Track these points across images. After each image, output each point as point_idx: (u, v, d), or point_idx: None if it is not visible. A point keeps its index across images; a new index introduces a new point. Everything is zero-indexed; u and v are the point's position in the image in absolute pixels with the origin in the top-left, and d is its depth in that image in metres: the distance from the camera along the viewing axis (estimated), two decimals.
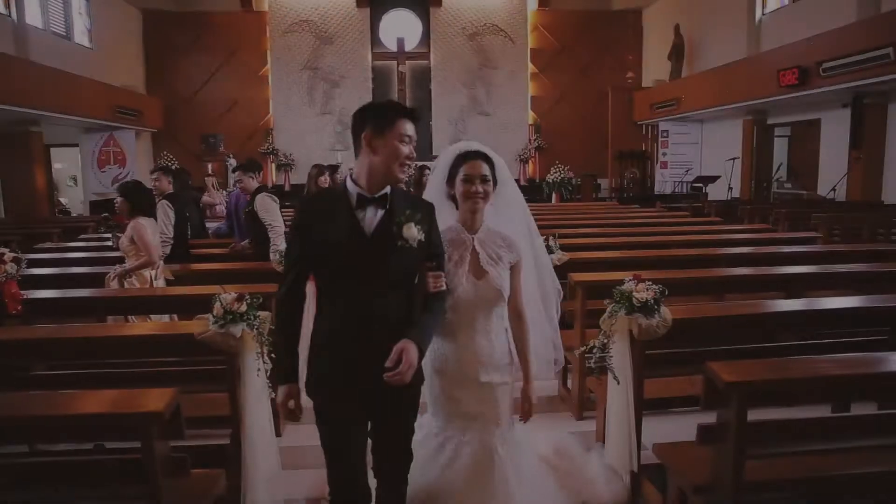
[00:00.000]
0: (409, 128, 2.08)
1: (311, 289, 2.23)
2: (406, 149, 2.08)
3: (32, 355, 3.37)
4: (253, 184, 5.86)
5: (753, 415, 2.33)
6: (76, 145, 14.67)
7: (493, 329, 2.51)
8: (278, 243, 5.51)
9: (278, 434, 3.24)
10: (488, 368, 2.49)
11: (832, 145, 11.22)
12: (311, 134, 17.48)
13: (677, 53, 15.67)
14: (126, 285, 4.69)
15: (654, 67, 17.13)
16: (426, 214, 2.17)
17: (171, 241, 5.72)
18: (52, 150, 14.71)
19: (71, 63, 12.60)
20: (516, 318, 2.56)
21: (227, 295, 2.94)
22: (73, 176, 16.37)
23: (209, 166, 16.27)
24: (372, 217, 2.09)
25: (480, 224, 2.51)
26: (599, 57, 18.03)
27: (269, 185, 16.47)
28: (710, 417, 2.42)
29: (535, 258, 2.72)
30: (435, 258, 2.25)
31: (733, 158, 13.27)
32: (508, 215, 2.64)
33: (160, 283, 4.81)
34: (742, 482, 2.25)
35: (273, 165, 17.26)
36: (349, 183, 2.13)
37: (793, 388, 2.46)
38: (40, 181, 12.19)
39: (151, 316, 4.44)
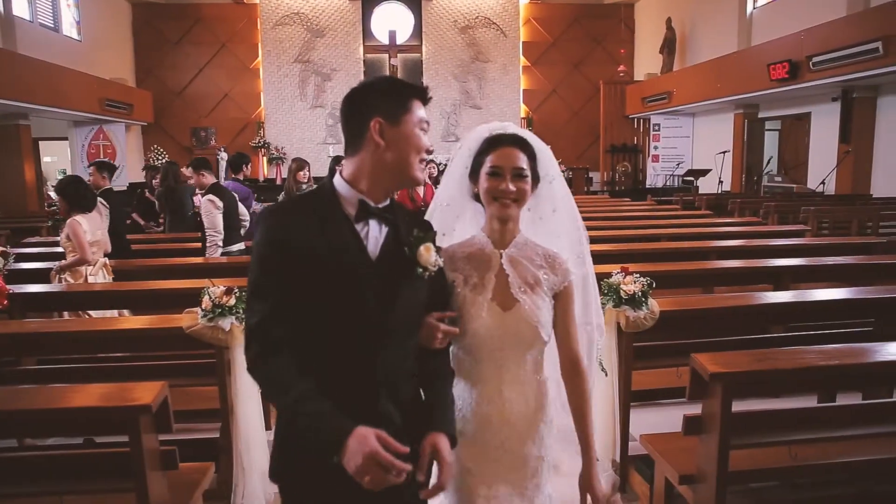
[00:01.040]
0: (424, 112, 1.59)
1: None
2: (426, 139, 1.58)
3: (21, 350, 3.36)
4: (207, 180, 5.67)
5: (741, 406, 2.36)
6: (65, 139, 14.57)
7: (528, 380, 1.79)
8: (212, 252, 5.37)
9: (268, 427, 3.25)
10: (522, 435, 1.78)
11: (822, 139, 11.28)
12: (303, 127, 17.43)
13: (669, 47, 15.69)
14: (63, 282, 4.65)
15: (646, 61, 17.15)
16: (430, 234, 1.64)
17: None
18: (42, 143, 14.62)
19: (59, 56, 12.49)
20: (570, 368, 1.80)
21: (215, 288, 2.95)
22: (63, 170, 16.24)
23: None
24: (376, 235, 1.55)
25: (513, 235, 1.82)
26: (591, 50, 18.03)
27: (261, 178, 16.44)
28: (697, 408, 2.45)
29: (582, 294, 1.95)
30: (442, 297, 1.71)
31: (724, 152, 13.32)
32: (552, 225, 1.92)
33: (98, 279, 4.77)
34: (726, 472, 2.28)
35: (264, 159, 17.19)
36: (343, 186, 1.55)
37: (777, 379, 2.49)
38: (29, 175, 12.11)
39: (90, 312, 4.43)
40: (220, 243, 5.42)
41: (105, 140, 14.60)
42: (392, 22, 17.29)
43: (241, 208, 5.90)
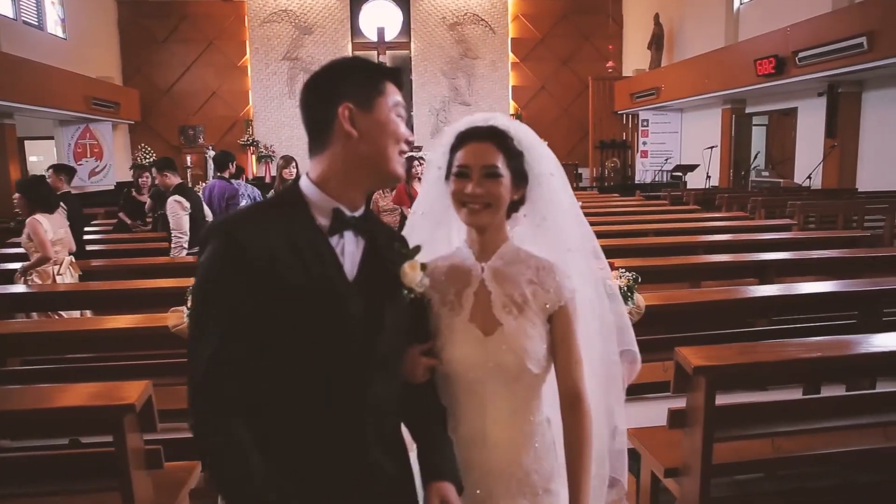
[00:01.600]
0: (400, 96, 1.35)
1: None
2: (404, 127, 1.35)
3: (4, 350, 3.34)
4: (172, 181, 5.65)
5: (726, 398, 2.38)
6: (52, 138, 14.44)
7: (519, 421, 1.50)
8: (177, 254, 5.37)
9: None
10: (511, 490, 1.49)
11: (808, 134, 11.35)
12: (292, 125, 17.32)
13: (657, 43, 15.74)
14: (29, 282, 4.63)
15: (635, 57, 17.19)
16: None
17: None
18: (27, 143, 14.48)
19: (44, 54, 12.36)
20: (568, 405, 1.48)
21: None
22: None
23: (188, 158, 16.15)
24: (352, 250, 1.31)
25: (497, 245, 1.53)
26: (580, 47, 18.05)
27: (250, 177, 16.36)
28: (682, 402, 2.46)
29: (599, 310, 1.65)
30: (423, 322, 1.50)
31: (711, 147, 13.39)
32: (554, 232, 1.58)
33: (66, 278, 4.74)
34: (710, 465, 2.30)
35: (253, 157, 17.11)
36: (312, 191, 1.30)
37: (760, 372, 2.51)
38: (14, 175, 11.96)
39: (62, 312, 4.41)
40: (186, 245, 5.42)
41: (92, 139, 14.49)
42: (380, 19, 17.24)
43: (207, 209, 5.90)
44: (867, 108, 10.22)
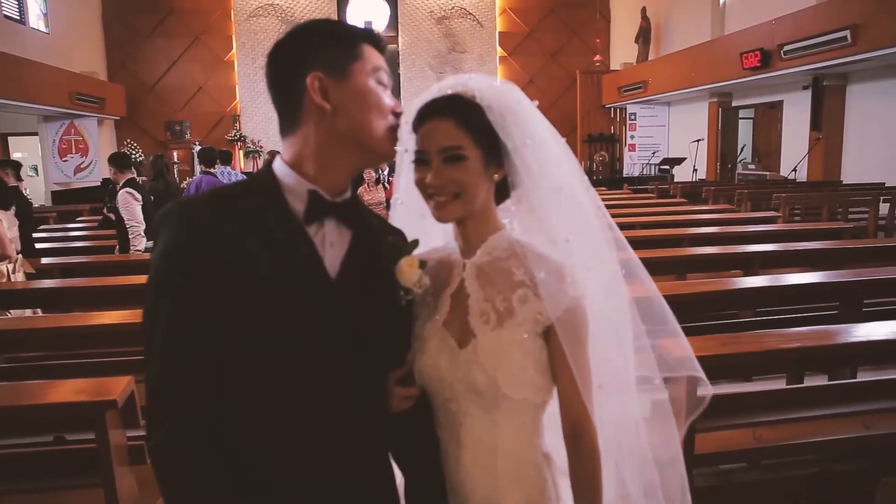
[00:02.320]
0: (382, 61, 1.14)
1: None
2: (389, 96, 1.14)
3: None
4: (124, 176, 5.69)
5: (711, 389, 2.40)
6: (36, 134, 14.28)
7: (505, 452, 1.21)
8: (137, 244, 5.42)
9: None
10: None
11: (794, 127, 11.43)
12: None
13: (644, 36, 15.77)
14: None
15: (622, 51, 17.23)
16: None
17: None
18: (11, 139, 14.32)
19: (26, 48, 12.21)
20: (571, 438, 1.19)
21: None
22: (35, 165, 15.96)
23: (175, 154, 16.03)
24: (334, 240, 1.10)
25: (482, 238, 1.23)
26: (568, 40, 18.06)
27: (238, 172, 16.26)
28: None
29: (612, 328, 1.26)
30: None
31: (698, 140, 13.46)
32: (547, 218, 1.24)
33: (20, 276, 4.71)
34: (692, 455, 2.32)
35: (241, 153, 17.01)
36: (286, 173, 1.10)
37: (744, 363, 2.54)
38: None
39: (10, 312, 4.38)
40: (143, 233, 5.48)
41: (77, 135, 14.34)
42: (368, 13, 17.15)
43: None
44: (851, 102, 10.30)
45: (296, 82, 1.08)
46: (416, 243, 1.20)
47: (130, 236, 5.52)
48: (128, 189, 5.58)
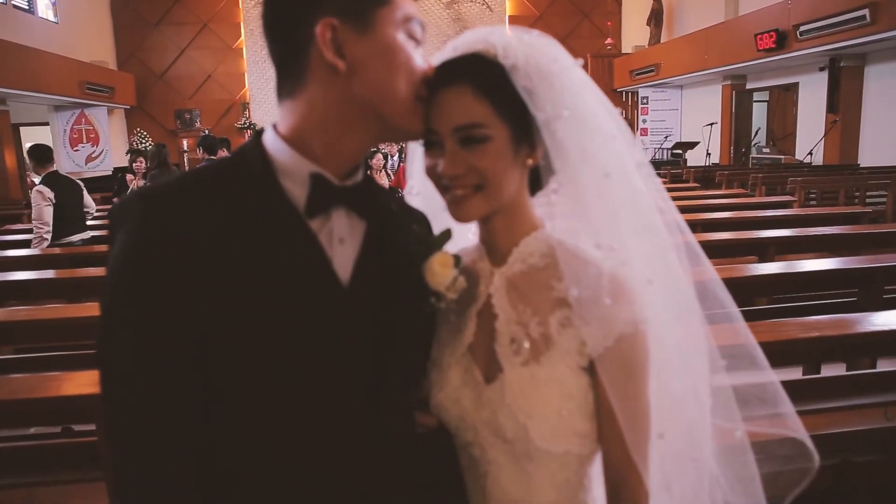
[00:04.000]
0: (413, 7, 0.87)
1: None
2: (420, 56, 0.88)
3: None
4: (44, 170, 5.42)
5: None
6: (47, 124, 14.34)
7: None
8: (37, 244, 5.21)
9: None
10: None
11: (809, 109, 11.23)
12: None
13: (656, 18, 15.54)
14: None
15: (634, 33, 16.99)
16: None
17: None
18: (22, 129, 14.38)
19: (36, 38, 12.23)
20: (613, 495, 0.93)
21: None
22: None
23: (184, 142, 16.04)
24: (344, 236, 0.86)
25: (514, 241, 0.96)
26: (578, 24, 17.85)
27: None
28: None
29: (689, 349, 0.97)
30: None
31: (711, 124, 13.27)
32: (605, 215, 0.93)
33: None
34: None
35: None
36: (281, 149, 0.86)
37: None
38: (10, 161, 11.91)
39: None
40: (47, 236, 5.27)
41: (87, 124, 14.38)
42: None
43: (88, 199, 5.73)
44: (869, 83, 10.08)
45: (302, 29, 0.81)
46: (448, 234, 0.95)
47: (33, 236, 5.25)
48: (39, 187, 5.25)
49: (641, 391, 0.91)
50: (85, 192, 5.72)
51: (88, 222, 5.80)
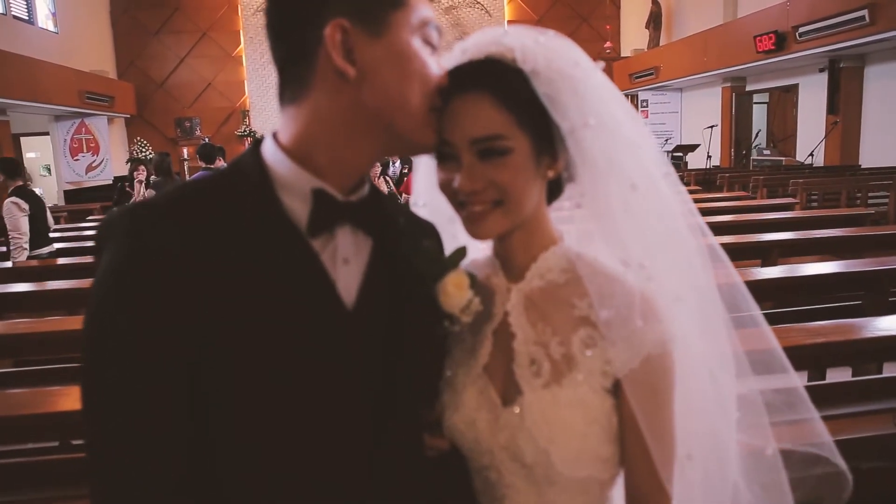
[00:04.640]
0: (430, 10, 0.84)
1: None
2: (437, 63, 0.84)
3: None
4: (14, 184, 5.48)
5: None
6: (47, 133, 14.35)
7: None
8: (18, 255, 5.23)
9: None
10: None
11: (810, 110, 11.21)
12: None
13: (655, 21, 15.55)
14: None
15: (633, 36, 17.01)
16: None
17: None
18: (23, 139, 14.39)
19: (36, 49, 12.25)
20: None
21: None
22: (47, 165, 16.05)
23: (185, 151, 16.06)
24: (349, 256, 0.80)
25: (532, 255, 0.92)
26: (577, 28, 17.84)
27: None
28: None
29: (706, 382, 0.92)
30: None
31: (711, 126, 13.26)
32: (631, 229, 0.88)
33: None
34: None
35: None
36: (281, 162, 0.80)
37: None
38: None
39: None
40: (26, 246, 5.31)
41: (87, 134, 14.38)
42: None
43: (49, 215, 5.90)
44: (869, 83, 10.07)
45: (309, 30, 0.75)
46: (462, 252, 0.89)
47: (11, 248, 5.27)
48: (13, 199, 5.28)
49: (669, 410, 0.87)
50: (48, 209, 5.86)
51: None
